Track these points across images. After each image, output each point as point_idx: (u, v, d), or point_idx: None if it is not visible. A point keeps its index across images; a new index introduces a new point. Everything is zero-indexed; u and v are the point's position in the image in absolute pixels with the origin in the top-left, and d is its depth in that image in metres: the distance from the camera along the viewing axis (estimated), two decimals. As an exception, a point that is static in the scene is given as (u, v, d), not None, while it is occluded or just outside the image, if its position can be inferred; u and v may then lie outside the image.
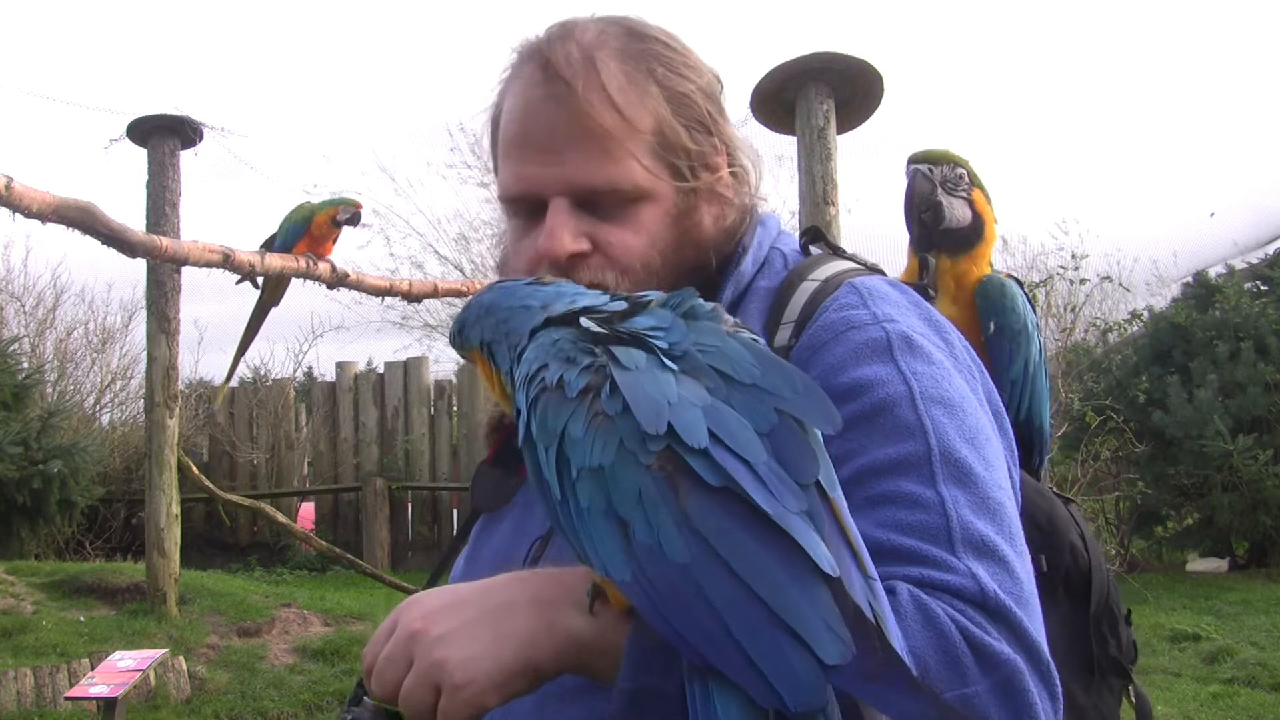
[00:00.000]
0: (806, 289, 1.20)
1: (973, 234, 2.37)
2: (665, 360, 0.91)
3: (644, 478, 0.85)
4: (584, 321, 0.96)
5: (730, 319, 0.99)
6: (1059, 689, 0.98)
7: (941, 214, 2.37)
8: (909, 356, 1.11)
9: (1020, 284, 2.38)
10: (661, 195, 1.22)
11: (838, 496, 0.89)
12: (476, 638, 0.94)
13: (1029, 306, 2.33)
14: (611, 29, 1.24)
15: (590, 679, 0.97)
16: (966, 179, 2.38)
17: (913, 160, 2.40)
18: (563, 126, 1.19)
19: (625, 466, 0.86)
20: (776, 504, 0.83)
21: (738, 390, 0.90)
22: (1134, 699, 1.57)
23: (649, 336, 0.94)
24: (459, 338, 1.10)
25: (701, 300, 0.99)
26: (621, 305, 1.00)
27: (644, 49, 1.23)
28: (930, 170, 2.37)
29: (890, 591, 0.94)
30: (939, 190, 2.37)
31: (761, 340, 0.98)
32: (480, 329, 1.06)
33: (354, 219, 6.67)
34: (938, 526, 1.00)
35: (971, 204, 2.38)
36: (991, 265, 2.41)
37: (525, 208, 1.24)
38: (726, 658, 0.81)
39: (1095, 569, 1.53)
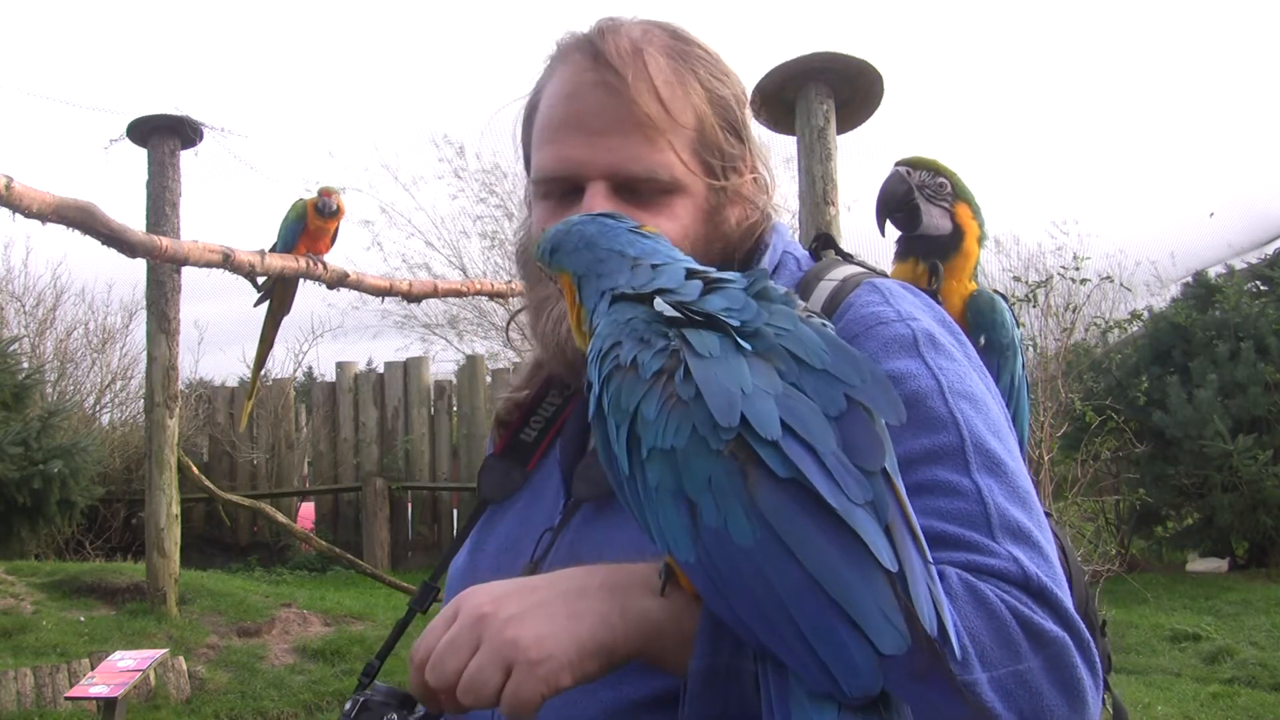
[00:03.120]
0: (825, 288, 1.24)
1: (950, 244, 2.36)
2: (740, 341, 0.93)
3: (715, 463, 0.87)
4: (658, 303, 0.97)
5: (802, 304, 1.01)
6: (1099, 665, 1.01)
7: (917, 218, 2.36)
8: (934, 353, 1.15)
9: (1005, 299, 2.39)
10: (695, 190, 1.26)
11: (900, 483, 0.91)
12: (551, 617, 0.94)
13: (1014, 322, 2.35)
14: (656, 29, 1.29)
15: (659, 665, 0.97)
16: (949, 189, 2.37)
17: (897, 163, 2.41)
18: (610, 113, 1.23)
19: (697, 450, 0.87)
20: (842, 497, 0.85)
21: (809, 374, 0.92)
22: (1111, 708, 1.60)
23: (723, 316, 0.95)
24: (550, 257, 1.09)
25: (776, 284, 1.01)
26: (697, 285, 1.00)
27: (687, 50, 1.29)
28: (909, 173, 2.37)
29: (940, 576, 0.96)
30: (916, 194, 2.36)
31: (832, 327, 0.99)
32: (575, 260, 1.06)
33: (325, 207, 6.63)
34: (977, 513, 1.04)
35: (953, 215, 2.37)
36: (976, 279, 2.40)
37: (559, 189, 1.26)
38: (783, 642, 0.83)
39: (1075, 580, 1.57)
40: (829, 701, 0.82)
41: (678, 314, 0.95)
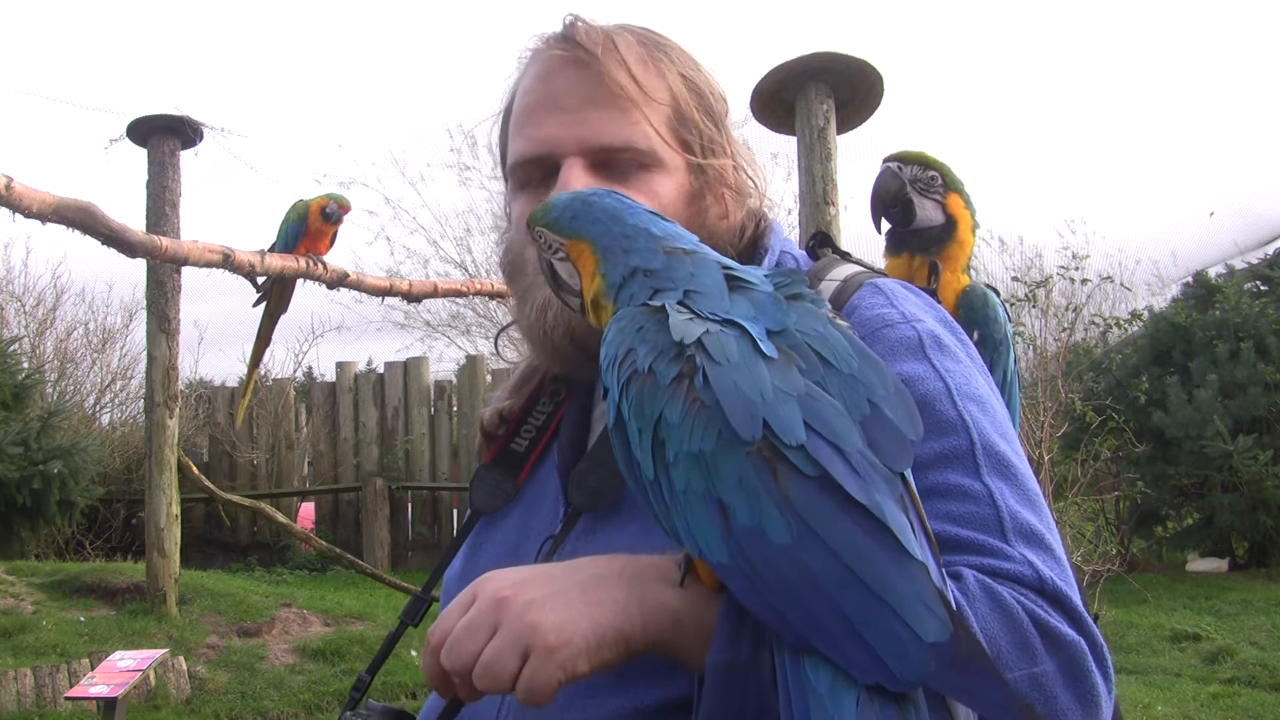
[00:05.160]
0: (827, 288, 1.24)
1: (944, 234, 2.39)
2: (760, 343, 0.93)
3: (744, 464, 0.87)
4: (671, 311, 0.96)
5: (829, 306, 1.01)
6: (1111, 668, 1.01)
7: (912, 212, 2.40)
8: (940, 355, 1.15)
9: (998, 293, 2.42)
10: (674, 168, 1.25)
11: (914, 489, 0.92)
12: (570, 604, 0.93)
13: (1006, 317, 2.38)
14: (629, 26, 1.30)
15: (675, 657, 0.97)
16: (940, 181, 2.40)
17: (886, 159, 2.44)
18: (582, 88, 1.23)
19: (725, 453, 0.88)
20: (870, 492, 0.86)
21: (835, 376, 0.92)
22: None
23: (744, 322, 0.95)
24: (571, 224, 1.06)
25: (807, 286, 1.01)
26: (724, 284, 0.99)
27: (661, 43, 1.29)
28: (899, 168, 2.41)
29: (957, 577, 0.97)
30: (908, 188, 2.39)
31: (855, 332, 1.00)
32: (599, 230, 1.05)
33: (336, 217, 6.61)
34: (989, 517, 1.04)
35: (944, 206, 2.40)
36: (969, 273, 2.44)
37: (537, 173, 1.26)
38: (828, 635, 0.83)
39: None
40: (847, 694, 0.82)
41: (693, 319, 0.95)
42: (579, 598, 0.94)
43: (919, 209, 2.39)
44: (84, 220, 5.30)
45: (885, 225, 2.47)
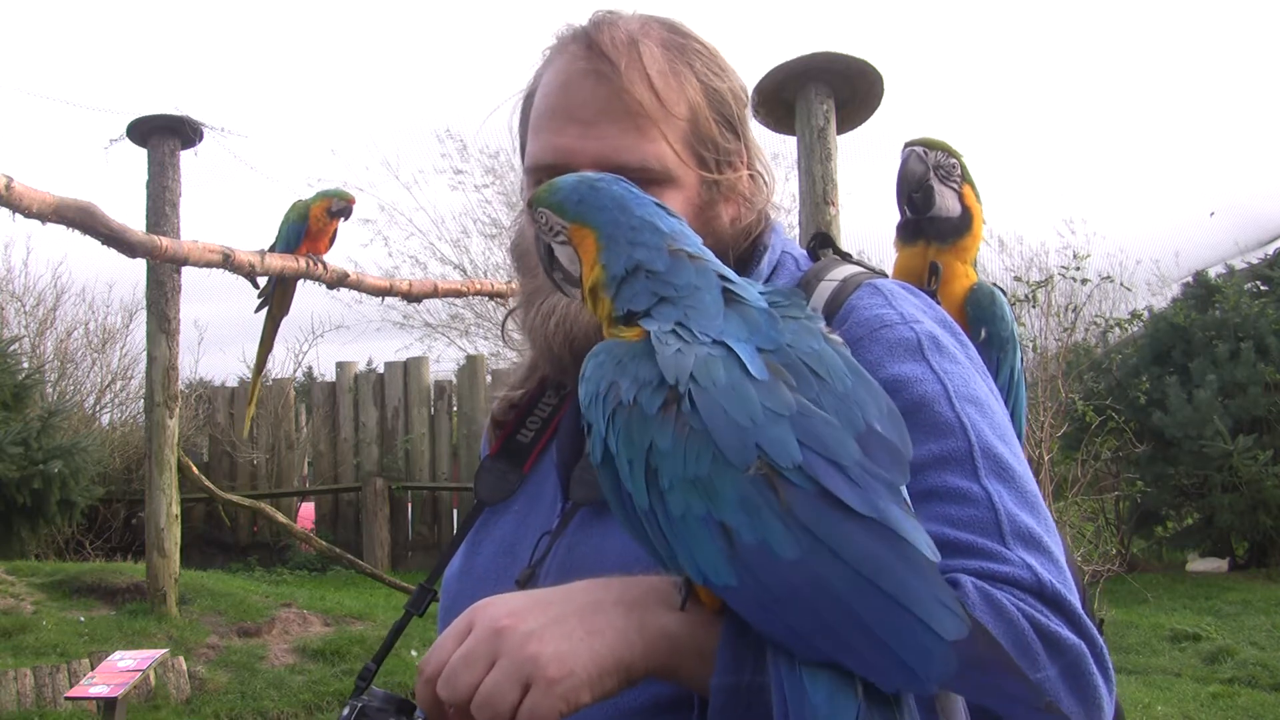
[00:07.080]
0: (826, 288, 1.24)
1: (961, 225, 2.39)
2: (749, 364, 0.91)
3: (743, 483, 0.86)
4: (656, 336, 0.95)
5: (824, 322, 1.01)
6: (1112, 671, 1.01)
7: (932, 199, 2.40)
8: (938, 356, 1.14)
9: (1004, 292, 2.42)
10: (687, 183, 1.24)
11: (910, 506, 0.92)
12: (569, 633, 0.92)
13: (1012, 316, 2.38)
14: (653, 23, 1.28)
15: (676, 681, 0.96)
16: (959, 171, 2.41)
17: (909, 143, 2.43)
18: (601, 101, 1.22)
19: (722, 474, 0.87)
20: (872, 500, 0.86)
21: (830, 394, 0.92)
22: None
23: (732, 344, 0.94)
24: (575, 208, 1.04)
25: (804, 303, 1.01)
26: (720, 296, 0.98)
27: (684, 44, 1.28)
28: (925, 153, 2.40)
29: (955, 584, 0.96)
30: (931, 174, 2.39)
31: (848, 349, 0.99)
32: (604, 217, 1.02)
33: (345, 212, 6.65)
34: (987, 520, 1.03)
35: (961, 197, 2.40)
36: (975, 269, 2.44)
37: (550, 178, 1.24)
38: (848, 645, 0.82)
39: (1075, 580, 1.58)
40: (847, 705, 0.82)
41: (681, 350, 0.93)
42: (578, 626, 0.93)
43: (939, 197, 2.39)
44: (84, 220, 5.30)
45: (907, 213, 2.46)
